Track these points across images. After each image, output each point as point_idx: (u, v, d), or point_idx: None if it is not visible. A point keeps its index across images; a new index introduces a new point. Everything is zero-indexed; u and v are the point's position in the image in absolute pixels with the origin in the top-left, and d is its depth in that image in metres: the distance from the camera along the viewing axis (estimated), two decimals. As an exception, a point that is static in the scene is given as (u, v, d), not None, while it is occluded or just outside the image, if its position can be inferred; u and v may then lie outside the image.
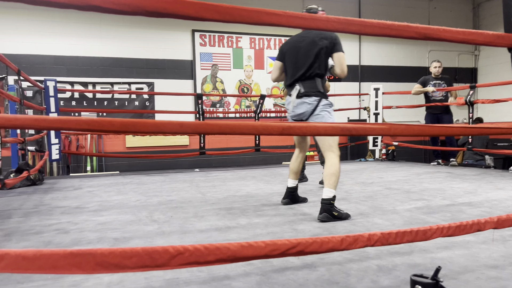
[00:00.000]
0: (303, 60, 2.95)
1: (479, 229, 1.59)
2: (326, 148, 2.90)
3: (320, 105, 2.92)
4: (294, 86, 2.99)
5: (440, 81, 6.28)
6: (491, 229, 1.56)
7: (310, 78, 2.94)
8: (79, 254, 1.00)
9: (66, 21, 6.94)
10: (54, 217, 2.96)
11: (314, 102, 2.92)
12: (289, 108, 3.07)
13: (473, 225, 1.58)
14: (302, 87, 2.94)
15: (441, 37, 1.39)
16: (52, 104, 5.13)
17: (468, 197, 3.53)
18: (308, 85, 2.94)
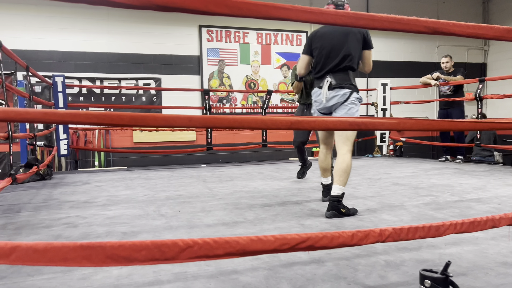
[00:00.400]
0: (336, 52, 2.86)
1: (494, 225, 1.57)
2: (342, 141, 2.83)
3: (350, 98, 2.85)
4: (325, 78, 2.89)
5: (449, 76, 6.22)
6: (507, 225, 1.54)
7: (342, 70, 2.86)
8: (89, 247, 1.01)
9: (74, 17, 6.96)
10: (63, 211, 2.99)
11: (346, 94, 2.84)
12: (318, 100, 2.97)
13: (488, 221, 1.55)
14: (333, 78, 2.85)
15: (450, 31, 1.37)
16: (60, 99, 5.16)
17: (476, 193, 3.50)
18: (340, 77, 2.86)
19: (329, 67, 2.88)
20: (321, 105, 2.95)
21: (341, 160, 2.76)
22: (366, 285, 1.58)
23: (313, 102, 3.06)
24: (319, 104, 2.97)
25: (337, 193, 2.70)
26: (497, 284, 1.56)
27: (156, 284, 1.62)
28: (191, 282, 1.63)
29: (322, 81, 2.91)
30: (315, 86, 3.02)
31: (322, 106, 2.95)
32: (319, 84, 2.96)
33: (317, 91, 2.98)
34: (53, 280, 1.65)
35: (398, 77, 8.87)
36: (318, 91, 2.96)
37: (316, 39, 2.96)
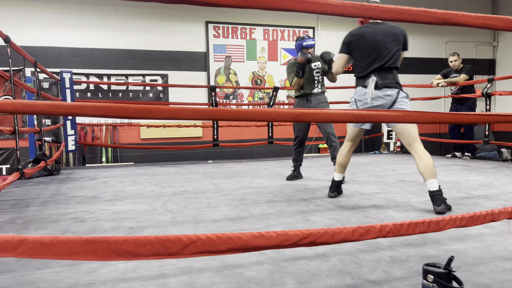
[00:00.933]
0: (381, 52, 2.86)
1: (493, 219, 1.56)
2: (413, 139, 2.81)
3: (399, 97, 2.85)
4: (369, 77, 2.87)
5: (457, 74, 6.18)
6: (506, 219, 1.53)
7: (387, 70, 2.86)
8: (94, 241, 1.02)
9: (81, 13, 7.00)
10: (71, 206, 3.02)
11: (394, 94, 2.84)
12: (362, 100, 2.92)
13: (487, 215, 1.55)
14: (379, 78, 2.84)
15: (460, 22, 1.36)
16: (68, 95, 5.20)
17: (484, 190, 3.48)
18: (386, 77, 2.85)
19: (374, 66, 2.87)
20: (365, 105, 2.91)
21: (424, 157, 2.73)
22: (370, 280, 1.58)
23: (355, 101, 3.00)
24: (363, 103, 2.93)
25: (437, 187, 2.68)
26: (502, 281, 1.55)
27: (162, 277, 1.63)
28: (196, 276, 1.64)
29: (367, 80, 2.88)
30: (358, 85, 2.98)
31: (367, 106, 2.91)
32: (363, 83, 2.92)
33: (361, 90, 2.93)
34: (60, 274, 1.67)
35: (406, 73, 8.79)
36: (363, 90, 2.91)
37: (356, 38, 2.94)
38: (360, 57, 2.94)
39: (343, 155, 3.17)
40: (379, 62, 2.86)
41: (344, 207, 2.88)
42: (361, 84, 2.94)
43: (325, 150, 8.05)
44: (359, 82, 2.98)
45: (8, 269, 1.72)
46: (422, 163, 2.73)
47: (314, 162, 5.99)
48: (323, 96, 4.20)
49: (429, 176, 2.70)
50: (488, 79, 5.65)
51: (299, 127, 4.25)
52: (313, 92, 4.15)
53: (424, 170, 2.72)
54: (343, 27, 8.30)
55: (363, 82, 2.92)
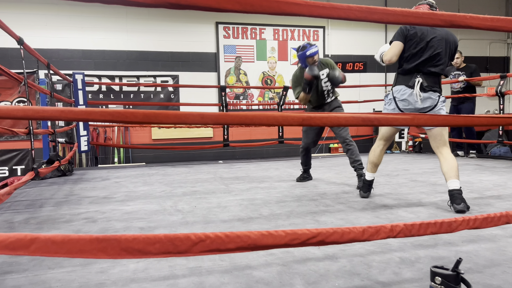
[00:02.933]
0: (434, 55, 2.82)
1: (507, 221, 1.54)
2: (442, 143, 2.82)
3: (439, 101, 2.85)
4: (414, 76, 2.83)
5: (460, 72, 6.12)
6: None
7: (436, 74, 2.85)
8: (105, 240, 1.04)
9: (93, 15, 7.08)
10: (83, 207, 3.06)
11: (437, 98, 2.84)
12: (408, 100, 2.86)
13: (501, 217, 1.53)
14: (425, 80, 2.81)
15: (467, 24, 1.35)
16: (80, 97, 5.27)
17: (497, 190, 3.43)
18: (433, 80, 2.84)
19: (423, 67, 2.82)
20: (409, 105, 2.88)
21: (450, 158, 2.75)
22: (379, 281, 1.58)
23: (394, 99, 2.94)
24: (407, 103, 2.88)
25: (458, 186, 2.68)
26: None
27: (171, 278, 1.64)
28: (206, 276, 1.65)
29: (412, 80, 2.83)
30: (399, 83, 2.91)
31: (412, 106, 2.87)
32: (407, 82, 2.86)
33: (405, 89, 2.87)
34: (73, 273, 1.70)
35: (417, 72, 8.72)
36: (407, 90, 2.85)
37: (414, 32, 2.83)
38: (413, 53, 2.84)
39: (377, 154, 3.12)
40: (430, 65, 2.82)
41: (354, 208, 2.87)
42: (405, 83, 2.87)
43: (336, 150, 8.02)
44: (401, 80, 2.90)
45: (22, 269, 1.75)
46: (447, 164, 2.73)
47: (324, 162, 5.97)
48: (335, 101, 3.97)
49: (452, 176, 2.69)
50: (501, 76, 5.57)
51: (308, 133, 4.04)
52: (326, 102, 3.94)
53: (448, 170, 2.71)
54: (353, 27, 8.30)
55: (407, 81, 2.86)
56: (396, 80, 2.96)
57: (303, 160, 4.20)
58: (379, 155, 3.12)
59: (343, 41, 8.50)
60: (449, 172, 2.70)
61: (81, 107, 5.23)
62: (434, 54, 2.80)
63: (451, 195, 2.68)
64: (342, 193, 3.45)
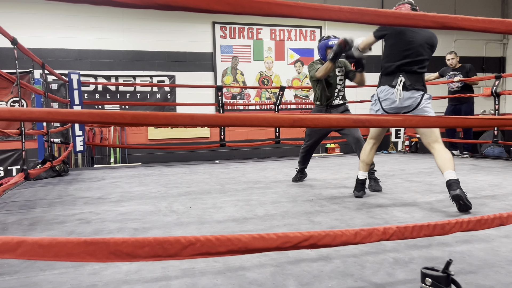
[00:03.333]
0: (416, 55, 2.85)
1: (501, 223, 1.54)
2: (433, 139, 2.83)
3: (423, 99, 2.86)
4: (397, 76, 2.87)
5: (456, 72, 6.15)
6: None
7: (418, 73, 2.87)
8: (93, 243, 1.03)
9: (89, 15, 7.06)
10: (77, 207, 3.05)
11: (419, 97, 2.85)
12: (390, 99, 2.91)
13: (495, 219, 1.53)
14: (408, 79, 2.84)
15: (459, 26, 1.35)
16: (76, 97, 5.26)
17: (492, 190, 3.44)
18: (415, 79, 2.86)
19: (405, 66, 2.85)
20: (392, 105, 2.91)
21: (444, 151, 2.76)
22: (373, 282, 1.57)
23: (379, 100, 2.99)
24: (390, 102, 2.92)
25: (454, 176, 2.66)
26: (507, 283, 1.53)
27: (164, 279, 1.64)
28: (199, 278, 1.65)
29: (394, 80, 2.87)
30: (383, 84, 2.96)
31: (394, 105, 2.91)
32: (389, 82, 2.91)
33: (387, 89, 2.92)
34: (65, 275, 1.69)
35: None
36: (390, 89, 2.90)
37: (394, 32, 2.87)
38: (393, 53, 2.90)
39: (367, 152, 3.17)
40: (411, 64, 2.84)
41: (349, 208, 2.87)
42: (388, 83, 2.91)
43: (333, 150, 8.02)
44: (385, 80, 2.95)
45: (14, 270, 1.74)
46: (441, 157, 2.74)
47: (321, 162, 5.97)
48: (343, 107, 3.90)
49: (447, 167, 2.68)
50: (496, 76, 5.59)
51: (312, 136, 3.95)
52: (334, 103, 3.84)
53: (443, 163, 2.71)
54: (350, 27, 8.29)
55: (390, 80, 2.90)
56: (380, 80, 3.01)
57: (302, 159, 4.15)
58: (369, 153, 3.16)
59: (339, 41, 8.49)
60: (444, 164, 2.70)
61: (77, 107, 5.22)
62: (417, 55, 2.84)
63: (448, 184, 2.65)
64: (337, 193, 3.45)
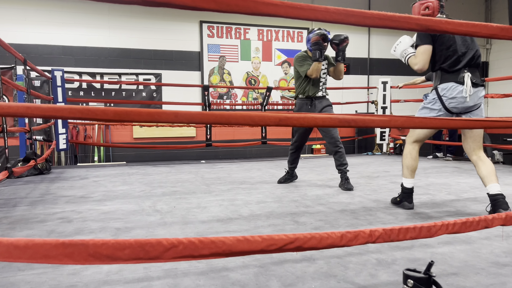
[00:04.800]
0: (469, 47, 2.64)
1: (486, 226, 1.55)
2: (479, 146, 2.68)
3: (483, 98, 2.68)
4: (462, 73, 2.61)
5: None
6: (499, 225, 1.53)
7: (476, 67, 2.65)
8: (71, 245, 1.00)
9: (74, 11, 6.95)
10: (59, 206, 2.99)
11: (483, 94, 2.67)
12: (457, 97, 2.63)
13: (480, 221, 1.54)
14: (473, 75, 2.61)
15: (443, 29, 1.36)
16: (59, 94, 5.16)
17: (473, 192, 3.49)
18: (477, 74, 2.65)
19: (465, 61, 2.62)
20: (459, 104, 2.64)
21: (488, 162, 2.64)
22: (356, 283, 1.58)
23: (439, 98, 2.69)
24: (456, 102, 2.64)
25: (500, 190, 2.55)
26: (487, 284, 1.55)
27: (146, 280, 1.61)
28: (181, 278, 1.63)
29: (459, 76, 2.61)
30: (445, 81, 2.66)
31: (461, 105, 2.64)
32: (454, 78, 2.63)
33: (453, 86, 2.63)
34: (43, 275, 1.65)
35: (399, 75, 8.82)
36: (457, 86, 2.61)
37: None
38: (447, 49, 2.64)
39: (414, 157, 2.84)
40: (469, 57, 2.63)
41: (334, 209, 2.88)
42: (453, 80, 2.64)
43: (318, 151, 8.05)
44: (448, 77, 2.66)
45: (-9, 271, 1.70)
46: (487, 168, 2.60)
47: (307, 163, 5.99)
48: (326, 99, 3.90)
49: (493, 180, 2.57)
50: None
51: (300, 133, 3.95)
52: (318, 95, 3.83)
53: (487, 174, 2.57)
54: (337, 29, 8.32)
55: (454, 77, 2.63)
56: (440, 78, 2.70)
57: (293, 158, 4.09)
58: (416, 158, 2.85)
59: (327, 43, 8.54)
60: (489, 176, 2.56)
61: (60, 105, 5.13)
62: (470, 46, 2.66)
63: (495, 199, 2.51)
64: (323, 194, 3.46)
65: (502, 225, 1.59)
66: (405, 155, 2.87)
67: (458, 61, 2.63)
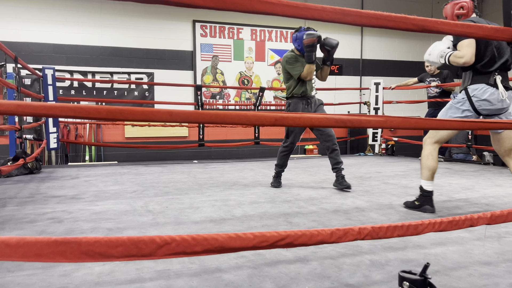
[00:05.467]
0: (502, 49, 2.59)
1: (471, 224, 1.57)
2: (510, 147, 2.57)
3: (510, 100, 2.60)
4: (494, 75, 2.57)
5: (434, 78, 6.29)
6: (484, 225, 1.54)
7: (507, 70, 2.60)
8: (64, 242, 0.98)
9: (66, 9, 6.88)
10: (49, 206, 2.95)
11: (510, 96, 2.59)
12: (488, 99, 2.58)
13: (466, 220, 1.55)
14: (504, 78, 2.57)
15: (438, 30, 1.36)
16: (50, 92, 5.10)
17: (465, 193, 3.51)
18: (506, 77, 2.59)
19: (499, 64, 2.57)
20: (490, 106, 2.59)
21: None
22: (349, 284, 1.57)
23: (469, 99, 2.64)
24: (487, 104, 2.59)
25: None
26: (480, 285, 1.56)
27: (138, 281, 1.59)
28: (174, 280, 1.61)
29: (491, 78, 2.56)
30: (476, 82, 2.62)
31: (492, 107, 2.59)
32: (485, 80, 2.58)
33: (485, 88, 2.58)
34: (33, 277, 1.62)
35: (391, 76, 8.88)
36: (488, 88, 2.57)
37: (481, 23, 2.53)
38: (483, 50, 2.58)
39: (435, 159, 2.79)
40: (503, 60, 2.58)
41: (327, 209, 2.88)
42: (484, 81, 2.59)
43: (311, 151, 8.06)
44: (479, 79, 2.61)
45: (-21, 272, 1.67)
46: None
47: (299, 164, 5.99)
48: (318, 98, 3.86)
49: None
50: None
51: (296, 133, 3.82)
52: (311, 94, 3.76)
53: None
54: (330, 30, 8.36)
55: (486, 79, 2.59)
56: (471, 78, 2.66)
57: (284, 161, 3.94)
58: (436, 159, 2.81)
59: (320, 44, 8.56)
60: None
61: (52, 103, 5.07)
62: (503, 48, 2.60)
63: None
64: (315, 194, 3.46)
65: (487, 224, 1.61)
66: (426, 156, 2.80)
67: (493, 62, 2.58)
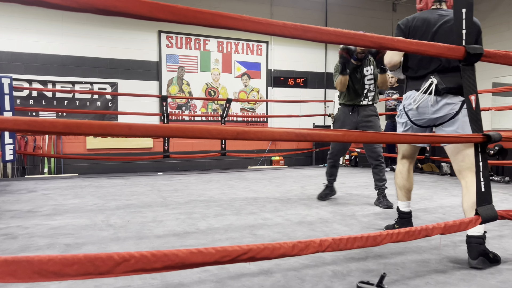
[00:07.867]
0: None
1: (427, 234, 1.64)
2: (467, 166, 2.08)
3: (463, 109, 2.14)
4: (427, 79, 2.23)
5: (393, 91, 6.54)
6: (438, 234, 1.61)
7: (452, 70, 2.17)
8: (14, 262, 0.94)
9: (25, 17, 6.66)
10: (3, 222, 2.81)
11: (459, 103, 2.15)
12: (417, 108, 2.27)
13: (422, 230, 1.62)
14: (441, 80, 2.17)
15: (395, 47, 1.42)
16: (7, 102, 4.89)
17: (424, 203, 3.64)
18: (450, 80, 2.16)
19: (435, 64, 2.22)
20: (421, 116, 2.28)
21: (473, 192, 1.97)
22: (312, 296, 1.59)
23: (404, 110, 2.38)
24: (418, 114, 2.29)
25: (481, 231, 1.96)
26: (437, 293, 1.61)
27: (97, 299, 1.54)
28: (134, 296, 1.57)
29: (423, 83, 2.24)
30: (409, 89, 2.34)
31: (425, 116, 2.26)
32: (416, 86, 2.29)
33: (411, 95, 2.30)
34: (-18, 297, 1.53)
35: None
36: (417, 96, 2.25)
37: (414, 23, 2.30)
38: None
39: (405, 177, 2.49)
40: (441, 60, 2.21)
41: (292, 221, 2.90)
42: (415, 87, 2.30)
43: (277, 162, 8.12)
44: (411, 85, 2.34)
45: None
46: (469, 200, 2.01)
47: (265, 175, 6.02)
48: (371, 108, 3.66)
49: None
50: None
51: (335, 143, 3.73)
52: (362, 103, 3.63)
53: (468, 208, 2.00)
54: (295, 44, 8.53)
55: (417, 84, 2.29)
56: (406, 86, 2.40)
57: (331, 170, 3.84)
58: (406, 177, 2.49)
59: (285, 57, 8.71)
60: (470, 211, 1.98)
61: (8, 114, 4.86)
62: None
63: (468, 243, 1.97)
64: (281, 206, 3.48)
65: (441, 233, 1.68)
66: (396, 175, 2.56)
67: (426, 64, 2.26)
